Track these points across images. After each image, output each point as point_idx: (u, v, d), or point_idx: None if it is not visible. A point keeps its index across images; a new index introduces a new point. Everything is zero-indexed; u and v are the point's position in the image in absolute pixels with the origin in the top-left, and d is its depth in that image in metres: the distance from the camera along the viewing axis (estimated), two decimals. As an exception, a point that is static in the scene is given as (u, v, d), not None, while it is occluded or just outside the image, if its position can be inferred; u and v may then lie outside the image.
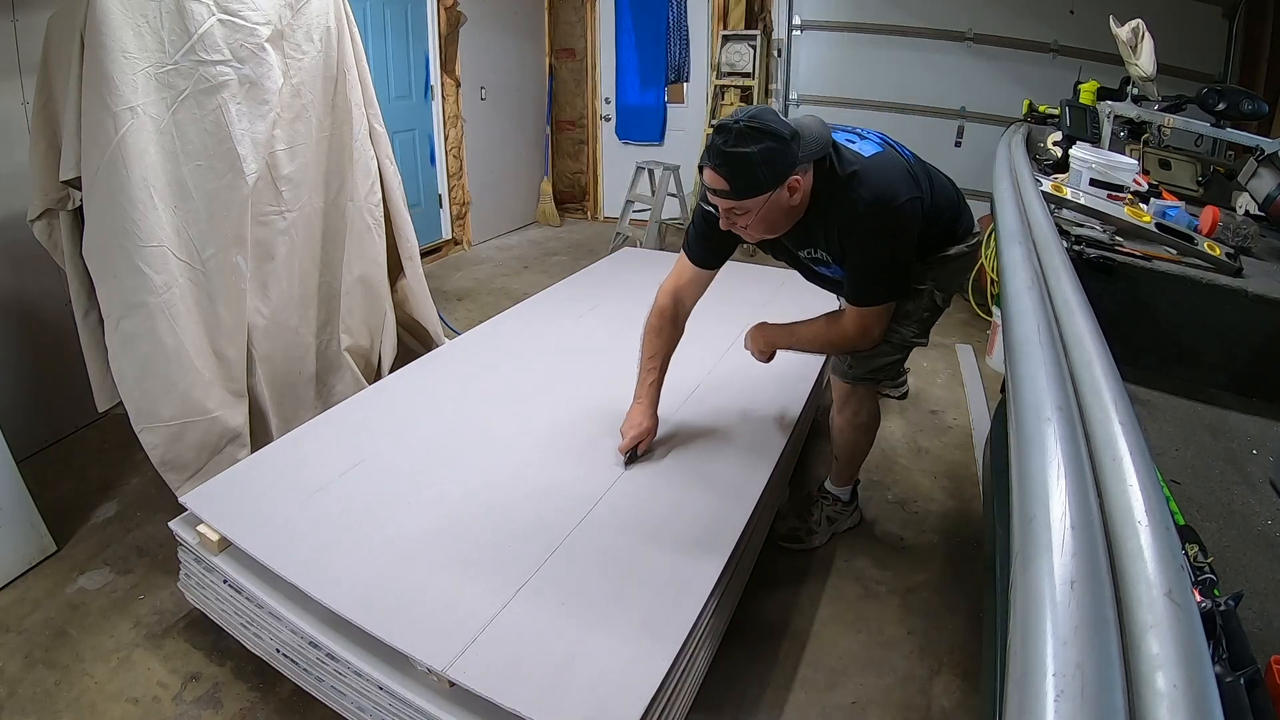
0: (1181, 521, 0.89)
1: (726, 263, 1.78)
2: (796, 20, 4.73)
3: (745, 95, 4.94)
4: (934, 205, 1.61)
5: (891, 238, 1.50)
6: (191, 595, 1.64)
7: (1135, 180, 1.76)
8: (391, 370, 2.55)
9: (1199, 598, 0.64)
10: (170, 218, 1.89)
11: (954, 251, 1.72)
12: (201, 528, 1.54)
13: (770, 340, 1.83)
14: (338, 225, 2.42)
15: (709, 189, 1.45)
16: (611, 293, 2.96)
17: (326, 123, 2.31)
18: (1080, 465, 0.62)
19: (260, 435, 2.16)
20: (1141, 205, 1.64)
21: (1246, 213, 1.83)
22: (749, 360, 1.88)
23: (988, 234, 3.26)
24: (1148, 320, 1.40)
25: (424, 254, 3.83)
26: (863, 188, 1.46)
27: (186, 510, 1.61)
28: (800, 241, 1.61)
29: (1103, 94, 2.48)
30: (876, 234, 1.49)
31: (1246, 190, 1.90)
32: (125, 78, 1.74)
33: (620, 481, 1.70)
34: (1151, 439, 1.07)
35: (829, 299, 1.98)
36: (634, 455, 1.79)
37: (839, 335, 1.66)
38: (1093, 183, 1.68)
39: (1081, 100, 2.49)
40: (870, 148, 1.55)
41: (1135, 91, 2.21)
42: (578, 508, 1.60)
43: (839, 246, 1.55)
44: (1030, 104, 3.10)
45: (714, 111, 5.03)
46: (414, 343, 2.87)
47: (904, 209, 1.48)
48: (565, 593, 1.37)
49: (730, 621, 1.68)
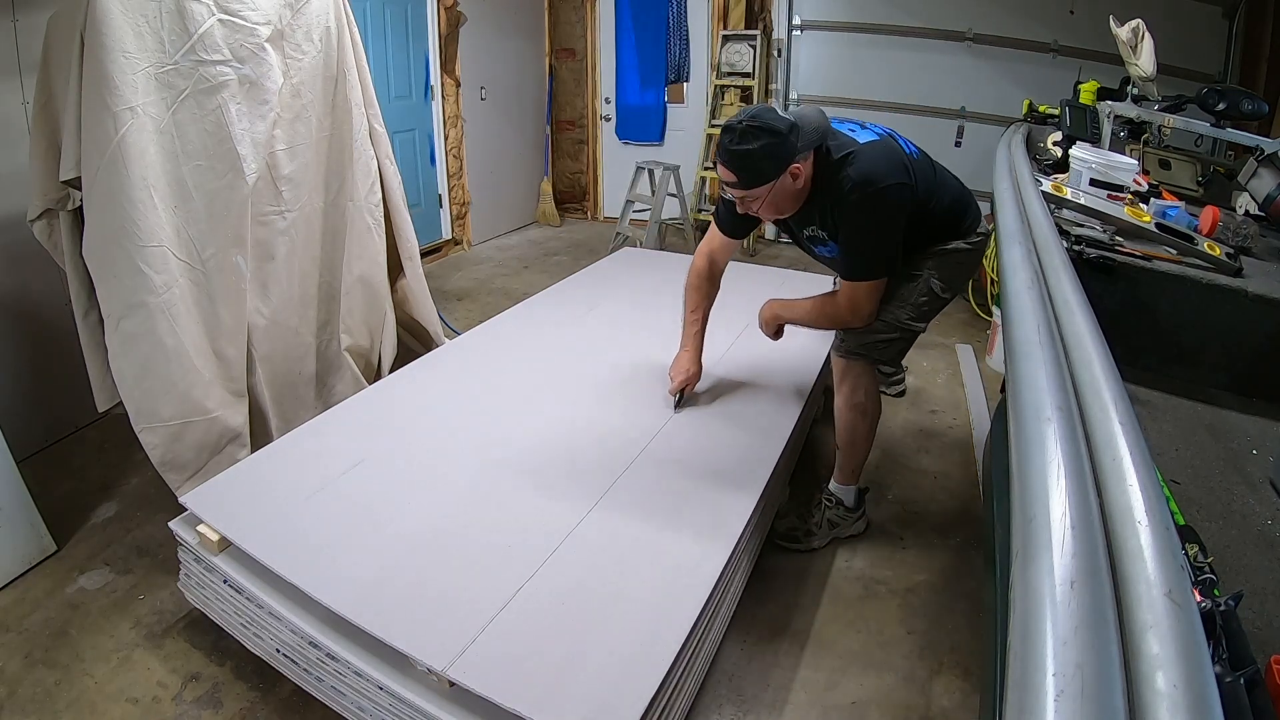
0: (1181, 521, 0.89)
1: (727, 263, 2.03)
2: (796, 20, 4.73)
3: (745, 95, 4.94)
4: (932, 196, 1.69)
5: (873, 217, 1.60)
6: (191, 595, 1.64)
7: (1135, 180, 1.76)
8: (391, 370, 2.55)
9: (1199, 598, 0.64)
10: (170, 218, 1.89)
11: (953, 246, 1.78)
12: (201, 528, 1.54)
13: (775, 314, 1.96)
14: (338, 225, 2.42)
15: (723, 182, 1.64)
16: (611, 293, 2.96)
17: (326, 123, 2.31)
18: (1080, 465, 0.62)
19: (260, 435, 2.16)
20: (1141, 205, 1.65)
21: (1246, 213, 1.83)
22: (749, 359, 1.92)
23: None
24: (1148, 320, 1.41)
25: (424, 254, 3.83)
26: (851, 169, 1.57)
27: (186, 510, 1.61)
28: (801, 221, 1.75)
29: (1103, 94, 2.48)
30: (860, 212, 1.60)
31: (1246, 190, 1.90)
32: (125, 78, 1.74)
33: (621, 481, 1.71)
34: (1151, 439, 1.07)
35: (808, 291, 2.13)
36: (681, 397, 2.00)
37: (833, 309, 1.78)
38: (1093, 183, 1.69)
39: (1081, 100, 2.49)
40: (868, 136, 1.65)
41: (1135, 91, 2.21)
42: (579, 507, 1.60)
43: (832, 224, 1.68)
44: (1030, 104, 3.11)
45: (714, 111, 5.03)
46: (414, 343, 2.87)
47: (887, 192, 1.56)
48: (565, 592, 1.37)
49: (730, 621, 1.69)
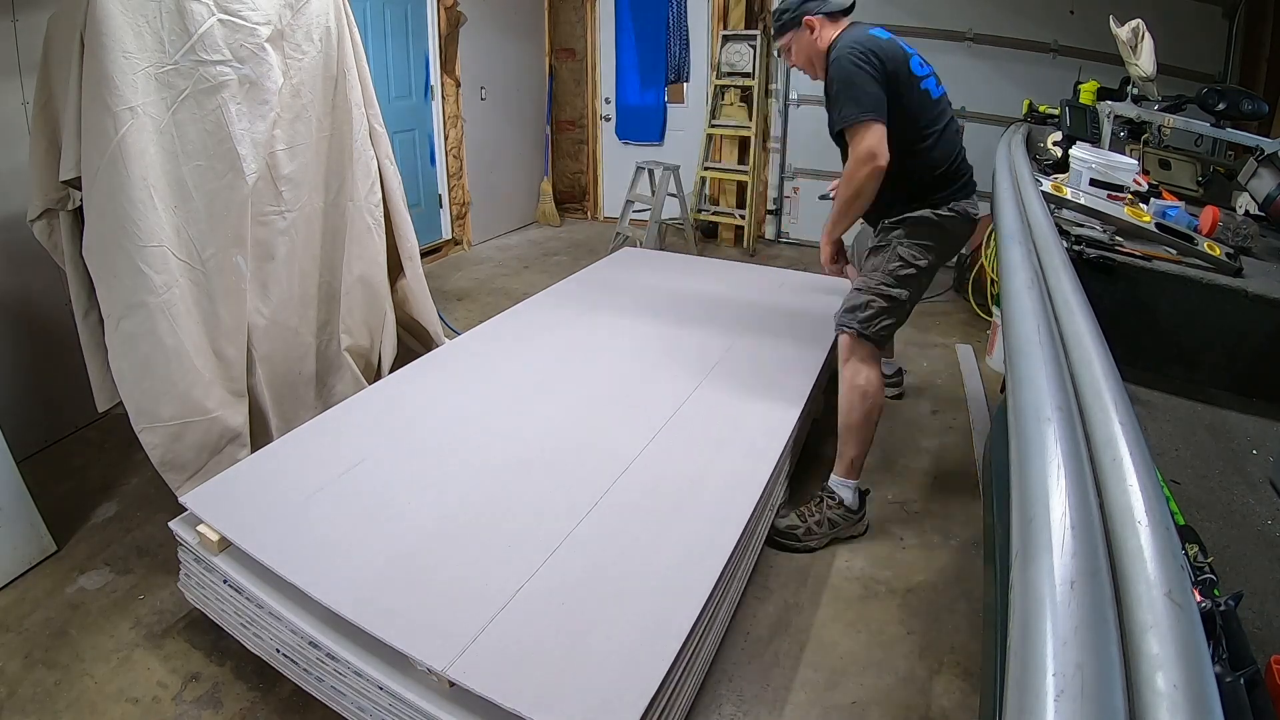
0: (1181, 521, 0.89)
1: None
2: (797, 20, 4.73)
3: (745, 95, 4.94)
4: (921, 127, 1.92)
5: (842, 71, 1.85)
6: (191, 595, 1.64)
7: (1135, 180, 1.76)
8: (391, 370, 2.55)
9: (1199, 598, 0.64)
10: (170, 218, 1.89)
11: (920, 214, 1.96)
12: (201, 528, 1.54)
13: (825, 234, 2.12)
14: (338, 225, 2.42)
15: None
16: (611, 293, 2.96)
17: (326, 123, 2.31)
18: (1080, 465, 0.62)
19: (260, 435, 2.16)
20: (1141, 205, 1.65)
21: (1246, 213, 1.83)
22: (750, 359, 1.91)
23: (987, 234, 3.26)
24: (1148, 320, 1.40)
25: (424, 254, 3.83)
26: (848, 38, 1.88)
27: (186, 510, 1.61)
28: (826, 89, 1.96)
29: (1103, 94, 2.48)
30: (835, 68, 1.87)
31: (1246, 190, 1.90)
32: (125, 78, 1.74)
33: (621, 481, 1.71)
34: (1151, 439, 1.07)
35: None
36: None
37: (851, 167, 1.89)
38: (1093, 183, 1.69)
39: (1081, 100, 2.49)
40: (880, 34, 1.93)
41: (1135, 91, 2.21)
42: (578, 508, 1.60)
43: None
44: (1030, 104, 3.11)
45: (714, 111, 5.03)
46: (414, 343, 2.87)
47: (852, 54, 1.83)
48: (566, 592, 1.37)
49: (730, 621, 1.69)
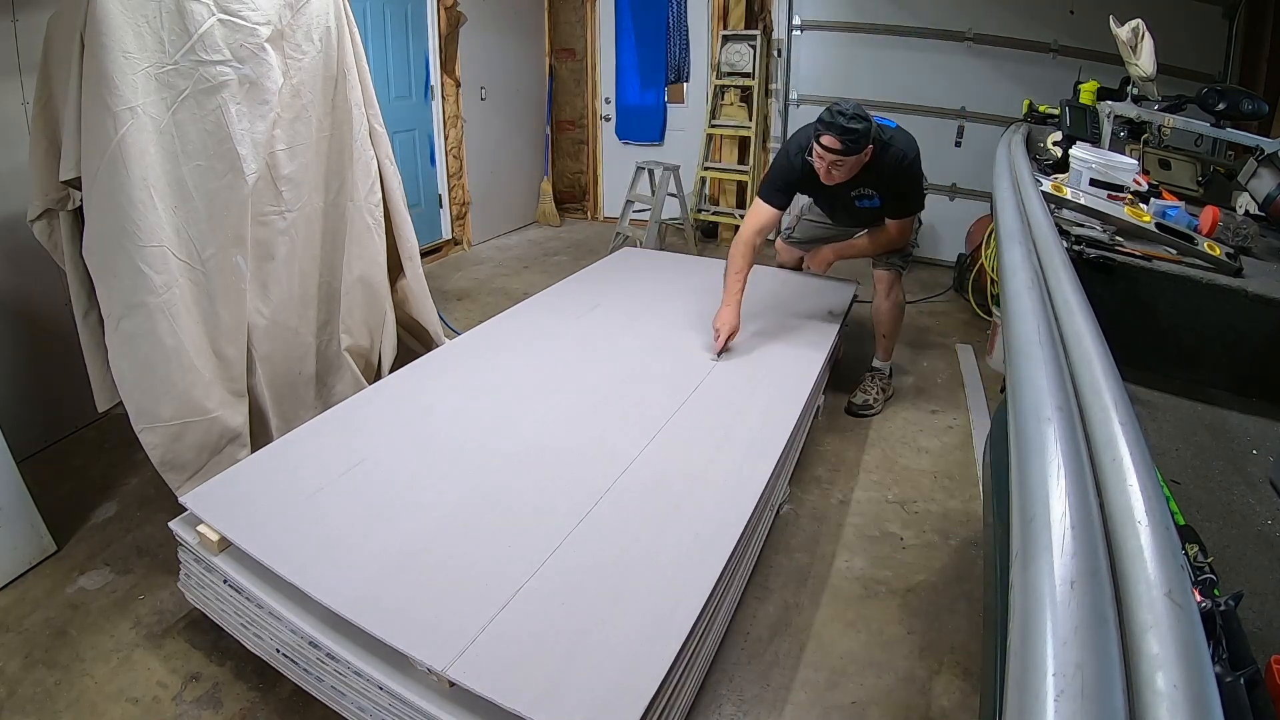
0: (1181, 521, 0.89)
1: (767, 234, 2.61)
2: (796, 20, 4.73)
3: (745, 95, 4.94)
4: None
5: (916, 175, 2.48)
6: (191, 595, 1.64)
7: (1135, 180, 1.75)
8: (391, 370, 2.55)
9: (1199, 598, 0.64)
10: (170, 218, 1.89)
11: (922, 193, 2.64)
12: (201, 528, 1.54)
13: (836, 255, 2.79)
14: (338, 225, 2.42)
15: (826, 149, 2.25)
16: (611, 293, 2.96)
17: (326, 123, 2.31)
18: (1080, 465, 0.62)
19: (260, 435, 2.16)
20: (1141, 205, 1.64)
21: (1246, 213, 1.82)
22: (749, 359, 1.91)
23: (987, 234, 3.26)
24: (1148, 320, 1.40)
25: (424, 254, 3.83)
26: (896, 148, 2.38)
27: (186, 510, 1.61)
28: (852, 185, 2.45)
29: (1103, 94, 2.48)
30: (909, 173, 2.43)
31: (1246, 190, 1.89)
32: (125, 78, 1.74)
33: (621, 481, 1.71)
34: (1151, 439, 1.07)
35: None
36: (725, 347, 2.36)
37: (887, 238, 2.64)
38: (1093, 183, 1.68)
39: (1081, 100, 2.49)
40: (889, 124, 2.45)
41: (1135, 91, 2.20)
42: (578, 508, 1.60)
43: (889, 183, 2.45)
44: (1030, 104, 3.10)
45: (714, 112, 5.03)
46: (414, 343, 2.87)
47: (918, 160, 2.45)
48: (565, 593, 1.37)
49: (730, 621, 1.69)
